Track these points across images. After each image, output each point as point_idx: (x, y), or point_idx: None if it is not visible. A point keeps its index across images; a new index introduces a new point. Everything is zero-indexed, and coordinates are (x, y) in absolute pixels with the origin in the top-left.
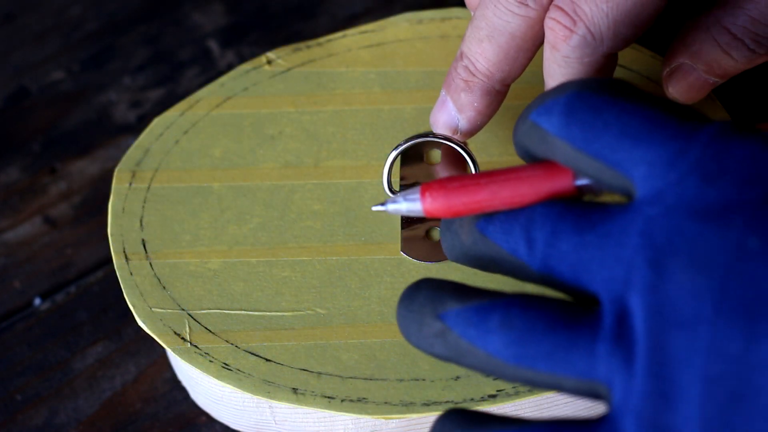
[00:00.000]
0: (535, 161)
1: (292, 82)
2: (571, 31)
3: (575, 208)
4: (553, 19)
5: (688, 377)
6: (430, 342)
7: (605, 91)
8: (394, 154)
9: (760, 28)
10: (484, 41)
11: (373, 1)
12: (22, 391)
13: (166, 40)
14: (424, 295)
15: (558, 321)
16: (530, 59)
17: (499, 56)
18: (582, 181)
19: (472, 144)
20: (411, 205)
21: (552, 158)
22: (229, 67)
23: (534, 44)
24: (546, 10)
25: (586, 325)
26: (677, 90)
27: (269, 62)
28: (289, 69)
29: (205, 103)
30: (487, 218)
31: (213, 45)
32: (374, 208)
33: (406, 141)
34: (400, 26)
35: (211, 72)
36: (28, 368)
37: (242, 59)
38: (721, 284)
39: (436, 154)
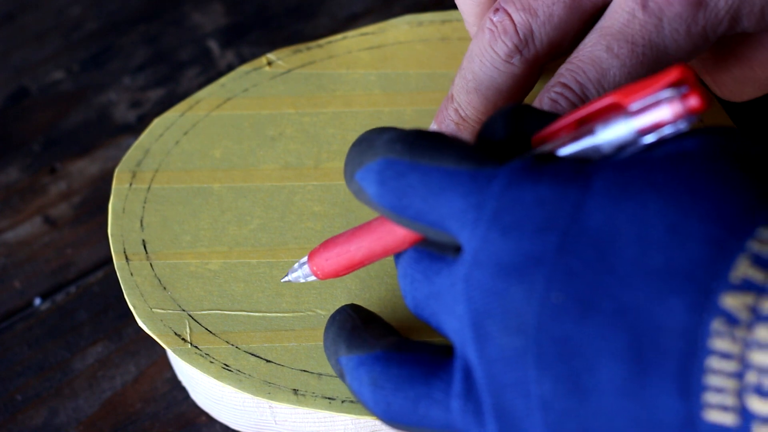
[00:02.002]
0: None
1: (293, 84)
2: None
3: (425, 256)
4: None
5: (533, 429)
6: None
7: (410, 153)
8: None
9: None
10: (472, 93)
11: (373, 1)
12: (22, 391)
13: (166, 40)
14: (331, 333)
15: (418, 377)
16: None
17: (486, 107)
18: None
19: None
20: (304, 272)
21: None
22: (229, 67)
23: (522, 94)
24: (531, 66)
25: (442, 380)
26: None
27: (269, 63)
28: (289, 70)
29: (205, 104)
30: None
31: (213, 45)
32: (282, 281)
33: None
34: (400, 28)
35: (211, 72)
36: (28, 368)
37: (242, 59)
38: (537, 344)
39: None
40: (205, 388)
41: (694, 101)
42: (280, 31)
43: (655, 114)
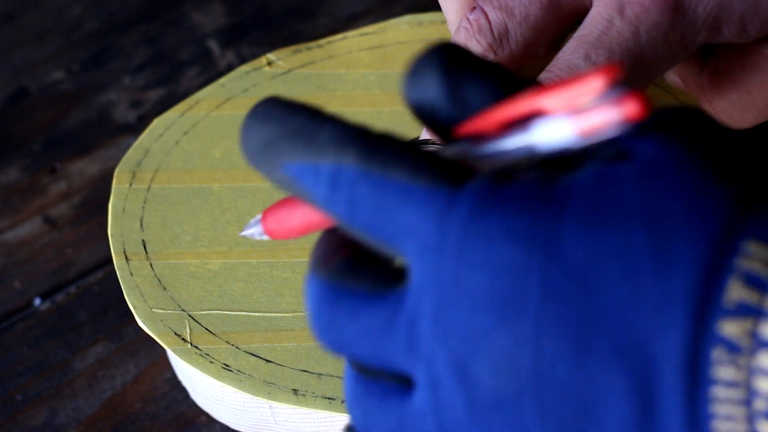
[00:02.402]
0: None
1: (293, 84)
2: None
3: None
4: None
5: None
6: None
7: (363, 160)
8: None
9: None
10: None
11: (373, 1)
12: (22, 391)
13: (166, 40)
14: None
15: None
16: None
17: None
18: None
19: None
20: (257, 229)
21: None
22: (229, 67)
23: None
24: (505, 65)
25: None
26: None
27: (269, 64)
28: (289, 70)
29: (205, 104)
30: None
31: (213, 45)
32: (239, 234)
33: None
34: (400, 28)
35: (211, 72)
36: (28, 368)
37: (242, 59)
38: (534, 388)
39: None
40: (205, 388)
41: (631, 107)
42: (280, 31)
43: (593, 117)
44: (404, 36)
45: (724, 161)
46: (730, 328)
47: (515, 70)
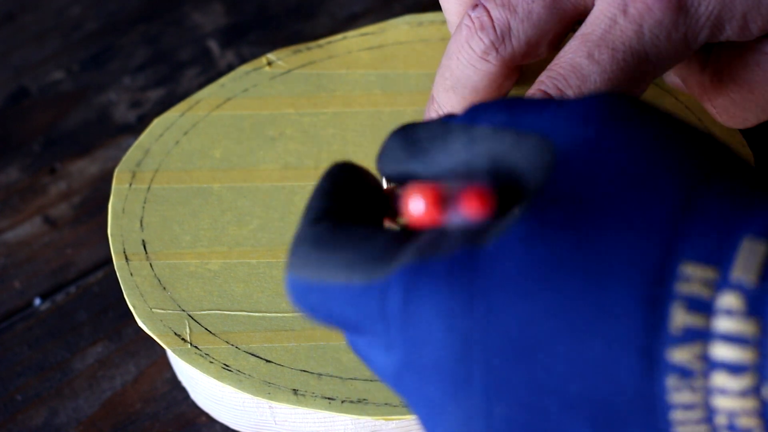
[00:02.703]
0: None
1: (293, 84)
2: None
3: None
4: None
5: None
6: None
7: (305, 268)
8: None
9: None
10: (450, 91)
11: (373, 1)
12: (22, 391)
13: (166, 40)
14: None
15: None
16: None
17: (464, 106)
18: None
19: None
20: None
21: None
22: (229, 67)
23: (498, 94)
24: (507, 65)
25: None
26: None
27: (269, 64)
28: (289, 70)
29: (205, 104)
30: None
31: (213, 45)
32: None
33: None
34: (400, 28)
35: (211, 72)
36: (28, 368)
37: (242, 59)
38: None
39: None
40: (205, 388)
41: (471, 206)
42: (280, 31)
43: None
44: (404, 36)
45: (657, 158)
46: (681, 355)
47: (515, 69)
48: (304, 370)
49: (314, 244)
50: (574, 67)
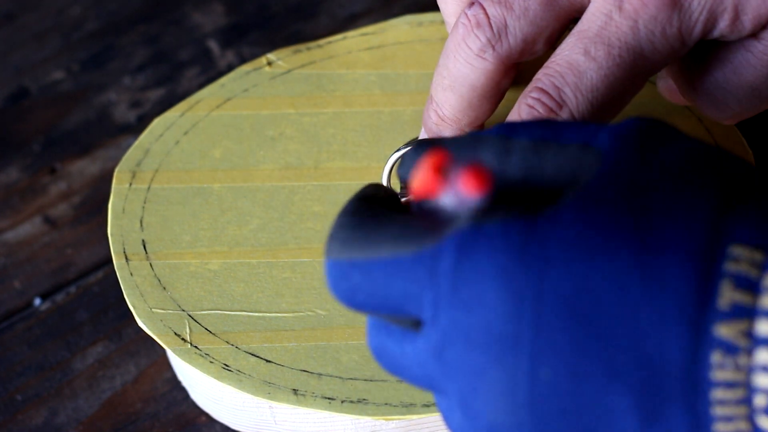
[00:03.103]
0: None
1: (293, 84)
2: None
3: (385, 329)
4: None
5: None
6: None
7: (347, 251)
8: (394, 156)
9: None
10: (447, 90)
11: (373, 1)
12: (22, 391)
13: (166, 40)
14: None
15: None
16: (496, 104)
17: (462, 105)
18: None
19: None
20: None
21: None
22: (229, 67)
23: (496, 92)
24: (504, 62)
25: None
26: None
27: (269, 64)
28: (289, 70)
29: (205, 104)
30: None
31: (213, 45)
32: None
33: (407, 144)
34: (400, 28)
35: (211, 72)
36: (28, 368)
37: (242, 59)
38: (532, 422)
39: None
40: (205, 388)
41: (469, 184)
42: (280, 31)
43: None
44: (404, 36)
45: (697, 166)
46: (727, 330)
47: (513, 67)
48: (304, 370)
49: (355, 227)
50: (571, 64)
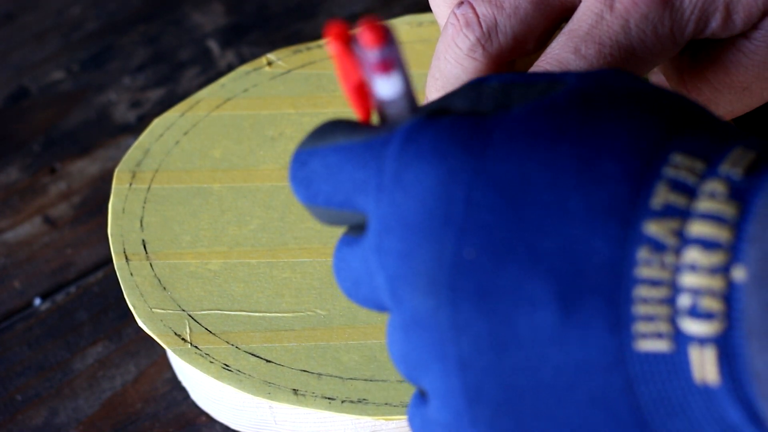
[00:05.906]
0: None
1: (293, 84)
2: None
3: (344, 243)
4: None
5: (451, 395)
6: None
7: (310, 141)
8: None
9: None
10: (441, 91)
11: (373, 1)
12: (22, 391)
13: (166, 40)
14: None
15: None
16: None
17: None
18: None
19: None
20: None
21: None
22: (229, 67)
23: None
24: (495, 62)
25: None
26: None
27: (269, 64)
28: (289, 71)
29: (205, 104)
30: None
31: (213, 45)
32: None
33: None
34: (400, 29)
35: (211, 72)
36: (28, 368)
37: (242, 59)
38: (450, 302)
39: None
40: (205, 388)
41: (366, 35)
42: (280, 32)
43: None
44: (404, 36)
45: (657, 97)
46: (656, 228)
47: (504, 66)
48: (304, 370)
49: (322, 127)
50: (561, 63)
